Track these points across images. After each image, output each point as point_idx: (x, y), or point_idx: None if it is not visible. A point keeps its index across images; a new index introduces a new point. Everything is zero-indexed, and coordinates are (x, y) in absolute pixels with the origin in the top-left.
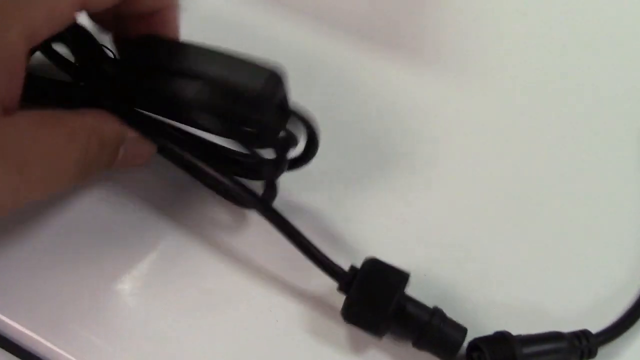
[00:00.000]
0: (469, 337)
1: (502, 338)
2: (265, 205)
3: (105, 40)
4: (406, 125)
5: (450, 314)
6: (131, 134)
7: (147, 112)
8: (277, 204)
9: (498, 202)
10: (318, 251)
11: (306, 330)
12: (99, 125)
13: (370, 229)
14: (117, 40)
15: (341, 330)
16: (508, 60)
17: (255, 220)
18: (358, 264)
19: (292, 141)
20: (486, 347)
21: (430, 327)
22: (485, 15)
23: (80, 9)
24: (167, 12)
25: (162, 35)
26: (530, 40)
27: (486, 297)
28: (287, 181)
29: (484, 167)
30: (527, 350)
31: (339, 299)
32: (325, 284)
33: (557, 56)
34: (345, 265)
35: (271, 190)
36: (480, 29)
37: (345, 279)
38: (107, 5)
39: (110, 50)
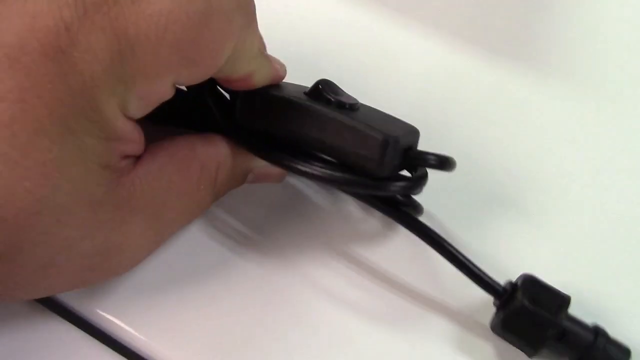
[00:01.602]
0: None
1: None
2: (416, 222)
3: None
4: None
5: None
6: (260, 162)
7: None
8: None
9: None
10: (475, 266)
11: (451, 343)
12: (228, 154)
13: (508, 248)
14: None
15: (487, 345)
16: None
17: (397, 231)
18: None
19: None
20: None
21: (594, 348)
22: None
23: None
24: (261, 72)
25: (269, 94)
26: None
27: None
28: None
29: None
30: None
31: (484, 314)
32: (469, 296)
33: None
34: None
35: (415, 209)
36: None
37: (506, 296)
38: (204, 79)
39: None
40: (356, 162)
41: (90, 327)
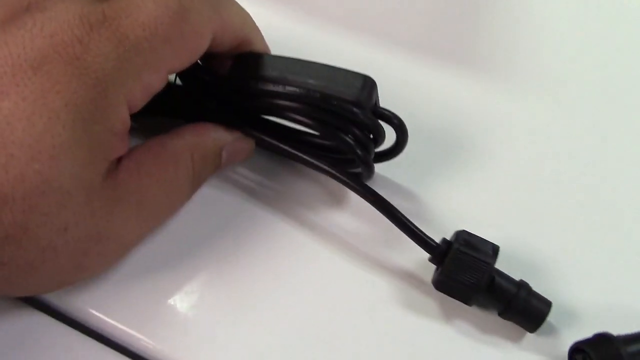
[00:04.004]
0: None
1: (605, 339)
2: (359, 182)
3: None
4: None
5: (535, 287)
6: (229, 136)
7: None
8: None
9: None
10: (412, 224)
11: (398, 300)
12: (197, 141)
13: (451, 209)
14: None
15: (430, 299)
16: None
17: (349, 199)
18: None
19: (381, 135)
20: (590, 349)
21: (517, 299)
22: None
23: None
24: (250, 40)
25: (257, 53)
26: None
27: (570, 277)
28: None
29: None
30: (631, 349)
31: (426, 271)
32: (411, 259)
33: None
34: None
35: (367, 170)
36: (544, 39)
37: (439, 250)
38: (194, 61)
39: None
40: (339, 96)
41: (79, 324)
